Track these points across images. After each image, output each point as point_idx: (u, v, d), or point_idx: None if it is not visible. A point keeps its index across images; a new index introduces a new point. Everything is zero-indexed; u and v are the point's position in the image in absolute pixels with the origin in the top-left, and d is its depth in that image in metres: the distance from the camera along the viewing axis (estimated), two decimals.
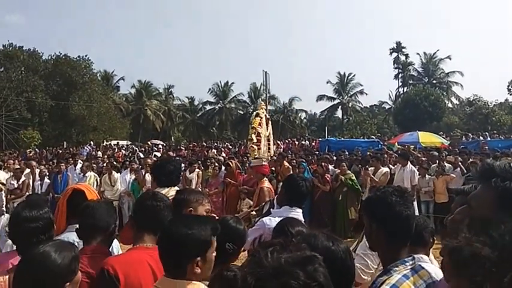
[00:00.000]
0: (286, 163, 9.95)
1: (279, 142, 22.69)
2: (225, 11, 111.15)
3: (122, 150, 22.00)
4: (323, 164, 9.48)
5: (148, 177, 9.49)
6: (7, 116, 33.69)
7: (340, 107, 50.36)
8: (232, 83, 51.02)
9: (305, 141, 22.45)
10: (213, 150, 19.63)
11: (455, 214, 1.68)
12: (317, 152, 14.92)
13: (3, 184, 9.17)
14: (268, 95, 22.17)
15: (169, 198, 2.46)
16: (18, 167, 10.41)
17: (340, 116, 51.73)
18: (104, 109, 38.63)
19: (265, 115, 7.41)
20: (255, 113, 7.40)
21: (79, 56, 38.90)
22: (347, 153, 12.53)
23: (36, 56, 38.47)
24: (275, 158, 10.45)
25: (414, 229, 1.71)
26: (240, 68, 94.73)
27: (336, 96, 49.98)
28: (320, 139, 21.96)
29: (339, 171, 9.30)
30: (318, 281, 0.97)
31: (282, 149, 18.96)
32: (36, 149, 26.51)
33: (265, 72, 18.98)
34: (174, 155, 17.21)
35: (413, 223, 1.69)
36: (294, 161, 10.18)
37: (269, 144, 7.56)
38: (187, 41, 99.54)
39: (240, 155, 16.34)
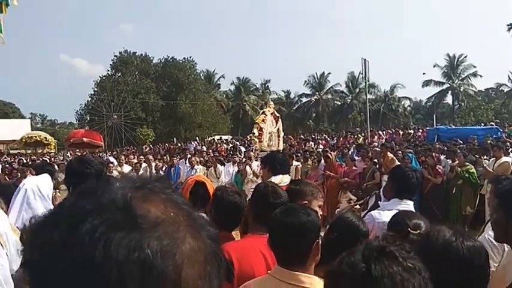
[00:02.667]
0: (390, 154, 9.41)
1: (380, 133, 21.61)
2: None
3: (224, 145, 23.13)
4: (434, 154, 8.75)
5: (248, 169, 9.83)
6: (125, 116, 37.91)
7: (449, 92, 46.12)
8: (329, 73, 50.11)
9: (410, 130, 20.99)
10: (310, 142, 19.52)
11: None
12: (424, 142, 13.91)
13: None
14: (367, 83, 21.25)
15: (285, 184, 2.52)
16: (137, 161, 11.62)
17: (450, 102, 47.50)
18: (207, 106, 41.13)
19: (274, 113, 7.83)
20: (261, 111, 7.96)
21: (184, 58, 42.11)
22: (461, 142, 11.40)
23: (147, 61, 42.52)
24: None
25: None
26: (336, 57, 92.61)
27: (444, 80, 45.87)
28: (428, 128, 20.36)
29: (452, 161, 8.50)
30: None
31: (384, 140, 18.04)
32: (151, 145, 29.33)
33: (364, 60, 18.23)
34: None
35: None
36: (400, 152, 9.58)
37: (278, 138, 7.95)
38: (282, 35, 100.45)
39: (339, 146, 16.01)
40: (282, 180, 3.18)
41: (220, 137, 30.36)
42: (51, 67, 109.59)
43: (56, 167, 12.31)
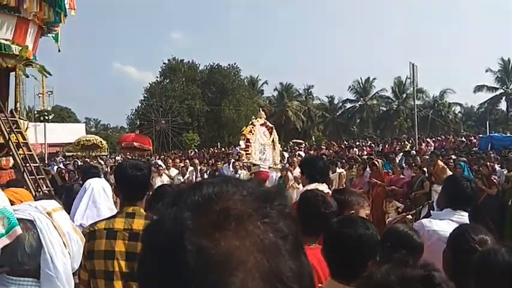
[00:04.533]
0: (440, 163, 9.08)
1: (428, 140, 20.81)
2: (362, 2, 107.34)
3: None
4: (488, 163, 8.34)
5: (290, 175, 9.81)
6: (172, 121, 39.10)
7: (504, 97, 43.52)
8: (374, 78, 48.91)
9: (462, 138, 20.02)
10: (355, 149, 19.16)
11: None
12: (477, 151, 13.27)
13: (171, 179, 10.70)
14: (415, 88, 20.57)
15: None
16: (183, 165, 11.98)
17: (504, 109, 44.79)
18: (250, 112, 41.49)
19: (266, 123, 7.23)
20: (250, 122, 7.39)
21: (229, 65, 42.94)
22: None
23: (194, 67, 43.73)
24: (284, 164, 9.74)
25: None
26: (382, 62, 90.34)
27: (498, 85, 43.37)
28: (481, 135, 19.36)
29: (507, 171, 8.07)
30: None
31: (432, 147, 17.36)
32: (196, 150, 30.02)
33: (413, 65, 17.69)
34: (316, 154, 17.36)
35: None
36: (451, 161, 9.21)
37: (274, 151, 7.29)
38: (325, 39, 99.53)
39: (385, 153, 15.59)
40: (317, 188, 3.02)
41: None
42: (104, 74, 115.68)
43: (109, 169, 13.03)
